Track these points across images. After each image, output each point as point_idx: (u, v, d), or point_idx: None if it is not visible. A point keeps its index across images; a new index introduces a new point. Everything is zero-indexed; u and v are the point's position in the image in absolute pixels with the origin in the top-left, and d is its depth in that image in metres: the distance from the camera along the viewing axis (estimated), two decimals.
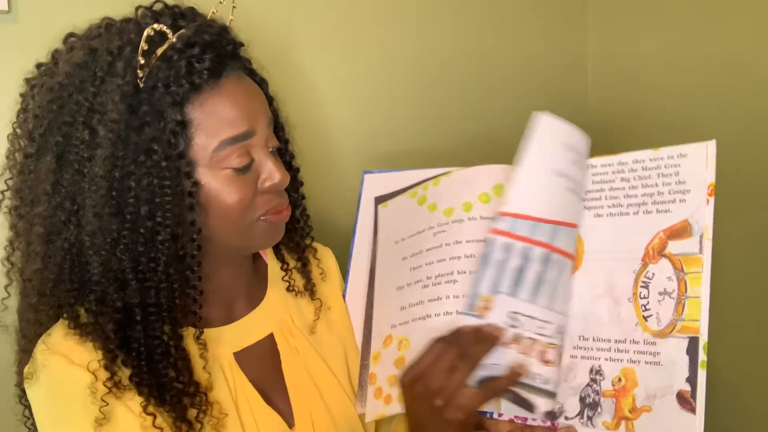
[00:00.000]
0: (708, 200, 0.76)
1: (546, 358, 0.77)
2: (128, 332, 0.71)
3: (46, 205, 0.71)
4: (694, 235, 0.76)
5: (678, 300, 0.75)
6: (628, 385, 0.76)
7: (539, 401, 0.77)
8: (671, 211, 0.78)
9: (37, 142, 0.72)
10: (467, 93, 1.36)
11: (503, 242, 0.77)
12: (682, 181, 0.78)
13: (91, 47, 0.72)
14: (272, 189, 0.77)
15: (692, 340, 0.73)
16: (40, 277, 0.72)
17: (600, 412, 0.77)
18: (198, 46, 0.70)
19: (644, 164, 0.81)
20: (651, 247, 0.78)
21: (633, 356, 0.77)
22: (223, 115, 0.71)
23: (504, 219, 0.77)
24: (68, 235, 0.70)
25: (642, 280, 0.78)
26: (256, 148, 0.75)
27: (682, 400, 0.72)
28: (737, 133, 1.15)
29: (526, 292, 0.77)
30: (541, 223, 0.77)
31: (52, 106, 0.71)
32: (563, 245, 0.79)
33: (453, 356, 0.72)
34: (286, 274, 0.89)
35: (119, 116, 0.68)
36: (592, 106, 1.46)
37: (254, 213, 0.76)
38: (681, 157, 0.78)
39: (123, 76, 0.68)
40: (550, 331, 0.78)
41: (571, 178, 0.79)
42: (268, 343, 0.85)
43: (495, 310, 0.76)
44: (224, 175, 0.72)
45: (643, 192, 0.80)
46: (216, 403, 0.75)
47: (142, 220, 0.69)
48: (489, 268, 0.77)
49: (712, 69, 1.20)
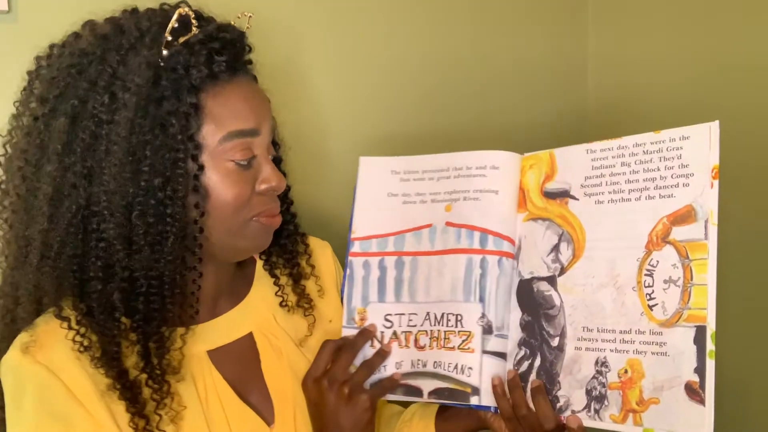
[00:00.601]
0: (712, 183, 0.73)
1: (419, 344, 0.87)
2: (132, 303, 0.72)
3: (56, 165, 0.70)
4: (699, 221, 0.73)
5: (684, 288, 0.73)
6: (634, 376, 0.74)
7: (424, 384, 0.86)
8: (674, 196, 0.75)
9: (51, 103, 0.72)
10: (467, 93, 1.35)
11: (361, 261, 0.92)
12: (684, 164, 0.75)
13: (118, 23, 0.74)
14: (268, 191, 0.78)
15: (699, 329, 0.71)
16: (45, 237, 0.71)
17: (607, 405, 0.76)
18: (219, 41, 0.73)
19: (645, 148, 0.78)
20: (654, 234, 0.76)
21: (639, 347, 0.75)
22: (235, 108, 0.74)
23: (355, 243, 0.93)
24: (77, 197, 0.70)
25: (646, 268, 0.76)
26: (259, 149, 0.77)
27: (691, 392, 0.70)
28: (741, 123, 1.11)
29: (390, 295, 0.90)
30: (387, 237, 0.92)
31: (71, 70, 0.72)
32: (412, 247, 0.90)
33: (351, 356, 0.84)
34: (280, 290, 0.89)
35: (144, 82, 0.69)
36: (592, 106, 1.45)
37: (248, 212, 0.77)
38: (683, 140, 0.76)
39: (150, 48, 0.71)
40: (419, 320, 0.88)
41: (403, 194, 0.93)
42: (247, 342, 0.84)
43: (370, 319, 0.90)
44: (226, 167, 0.74)
45: (644, 177, 0.78)
46: (176, 395, 0.74)
47: (154, 190, 0.70)
48: (356, 285, 0.92)
49: (712, 68, 1.19)
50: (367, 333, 0.88)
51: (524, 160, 0.89)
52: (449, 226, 0.89)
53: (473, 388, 0.83)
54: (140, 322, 0.72)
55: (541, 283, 0.84)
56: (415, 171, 0.94)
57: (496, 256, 0.86)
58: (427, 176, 0.93)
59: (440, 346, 0.86)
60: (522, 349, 0.83)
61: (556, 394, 0.80)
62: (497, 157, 0.89)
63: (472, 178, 0.89)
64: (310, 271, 0.93)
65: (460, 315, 0.86)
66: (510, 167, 0.88)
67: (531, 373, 0.82)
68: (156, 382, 0.73)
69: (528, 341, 0.83)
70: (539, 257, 0.84)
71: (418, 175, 0.93)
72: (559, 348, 0.81)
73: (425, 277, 0.89)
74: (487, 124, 1.34)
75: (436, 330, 0.87)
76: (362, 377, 0.84)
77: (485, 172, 0.88)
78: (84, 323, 0.71)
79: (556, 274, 0.83)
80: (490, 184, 0.88)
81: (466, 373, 0.83)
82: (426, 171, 0.93)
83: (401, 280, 0.90)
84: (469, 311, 0.85)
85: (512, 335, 0.84)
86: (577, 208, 0.82)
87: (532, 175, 0.87)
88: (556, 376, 0.80)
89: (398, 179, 0.94)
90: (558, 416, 0.79)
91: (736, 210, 1.09)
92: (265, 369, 0.84)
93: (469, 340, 0.84)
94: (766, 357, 1.13)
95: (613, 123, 1.37)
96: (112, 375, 0.71)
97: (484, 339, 0.84)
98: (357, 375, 0.83)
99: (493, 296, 0.85)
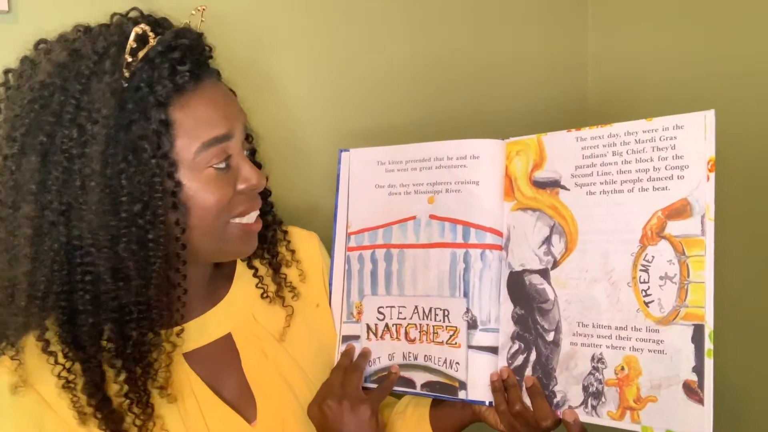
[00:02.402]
0: (708, 176, 0.70)
1: (410, 337, 0.88)
2: (125, 331, 0.71)
3: (33, 205, 0.69)
4: (695, 215, 0.70)
5: (680, 285, 0.71)
6: (631, 373, 0.74)
7: (417, 376, 0.87)
8: (669, 189, 0.72)
9: (19, 141, 0.70)
10: (467, 93, 1.32)
11: (356, 255, 0.92)
12: (679, 155, 0.72)
13: (74, 48, 0.71)
14: (248, 190, 0.78)
15: (697, 327, 0.70)
16: (31, 278, 0.70)
17: (604, 402, 0.75)
18: (179, 50, 0.71)
19: (637, 137, 0.75)
20: (649, 228, 0.73)
21: (635, 344, 0.73)
22: (205, 116, 0.73)
23: (351, 237, 0.93)
24: (58, 235, 0.69)
25: (641, 264, 0.74)
26: (234, 151, 0.76)
27: (689, 391, 0.70)
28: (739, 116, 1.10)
29: (382, 287, 0.90)
30: (377, 230, 0.91)
31: (34, 105, 0.70)
32: (398, 240, 0.90)
33: (340, 373, 0.86)
34: (260, 281, 0.88)
35: (110, 112, 0.68)
36: (592, 105, 1.43)
37: (228, 214, 0.76)
38: (677, 129, 0.72)
39: (111, 73, 0.69)
40: (408, 313, 0.88)
41: (389, 185, 0.91)
42: (226, 343, 0.84)
43: (366, 312, 0.91)
44: (206, 175, 0.73)
45: (637, 167, 0.75)
46: (158, 418, 0.75)
47: (135, 217, 0.69)
48: (353, 280, 0.92)
49: (712, 68, 1.16)
50: (367, 353, 0.90)
51: (509, 145, 0.85)
52: (433, 219, 0.88)
53: (460, 382, 0.83)
54: (128, 344, 0.72)
55: (533, 276, 0.82)
56: (399, 161, 0.91)
57: (478, 249, 0.84)
58: (410, 166, 0.90)
59: (429, 341, 0.86)
60: (516, 343, 0.82)
61: (553, 389, 0.79)
62: (478, 146, 0.86)
63: (453, 169, 0.87)
64: (291, 257, 0.93)
65: (447, 310, 0.85)
66: (492, 155, 0.85)
67: (526, 368, 0.81)
68: (139, 405, 0.72)
69: (522, 335, 0.82)
70: (530, 249, 0.82)
71: (401, 165, 0.91)
72: (555, 343, 0.79)
73: (412, 271, 0.89)
74: (484, 117, 1.33)
75: (425, 324, 0.87)
76: (356, 383, 0.84)
77: (466, 162, 0.86)
78: (70, 356, 0.71)
79: (549, 267, 0.80)
80: (470, 174, 0.86)
81: (453, 368, 0.84)
82: (409, 161, 0.91)
83: (390, 272, 0.90)
84: (455, 306, 0.85)
85: (503, 328, 0.83)
86: (568, 198, 0.79)
87: (519, 162, 0.84)
88: (552, 371, 0.79)
89: (384, 170, 0.93)
90: (554, 411, 0.78)
91: (734, 204, 1.08)
92: (246, 368, 0.83)
93: (456, 335, 0.85)
94: (766, 356, 1.12)
95: (612, 115, 1.35)
96: (93, 404, 0.71)
97: (469, 334, 0.84)
98: (350, 385, 0.84)
99: (477, 290, 0.84)
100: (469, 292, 0.84)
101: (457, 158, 0.87)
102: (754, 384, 1.14)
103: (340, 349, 0.92)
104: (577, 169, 0.79)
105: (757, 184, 1.10)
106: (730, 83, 1.13)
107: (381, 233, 0.91)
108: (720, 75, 1.15)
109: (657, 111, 0.74)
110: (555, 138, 0.81)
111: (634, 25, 1.33)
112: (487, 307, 0.84)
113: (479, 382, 0.83)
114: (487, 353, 0.83)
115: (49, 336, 0.71)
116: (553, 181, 0.81)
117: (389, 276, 0.90)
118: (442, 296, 0.86)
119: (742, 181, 1.10)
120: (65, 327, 0.71)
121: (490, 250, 0.84)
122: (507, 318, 0.83)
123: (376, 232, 0.92)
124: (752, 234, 1.11)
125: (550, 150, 0.81)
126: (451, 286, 0.85)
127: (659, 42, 1.27)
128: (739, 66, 1.12)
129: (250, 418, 0.81)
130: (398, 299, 0.89)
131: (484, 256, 0.84)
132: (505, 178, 0.85)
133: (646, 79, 1.30)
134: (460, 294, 0.85)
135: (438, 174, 0.88)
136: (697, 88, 1.19)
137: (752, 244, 1.12)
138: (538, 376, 0.80)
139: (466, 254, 0.85)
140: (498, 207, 0.85)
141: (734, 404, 1.14)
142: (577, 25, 1.42)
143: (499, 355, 0.83)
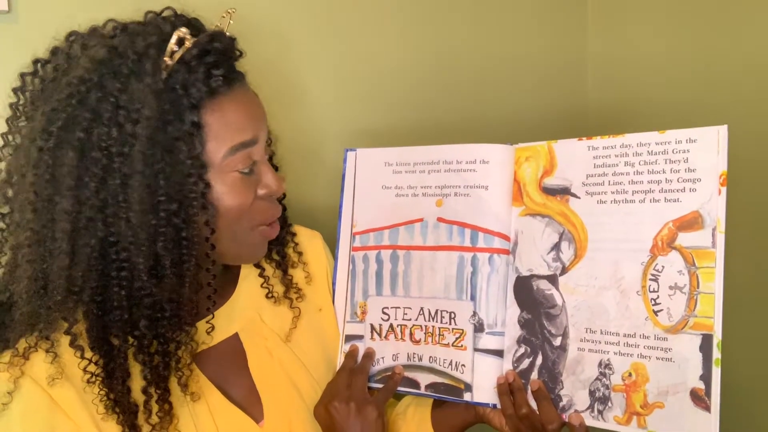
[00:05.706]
0: (720, 190, 0.72)
1: (415, 338, 0.89)
2: (158, 328, 0.72)
3: (71, 200, 0.69)
4: (706, 228, 0.72)
5: (690, 295, 0.73)
6: (638, 380, 0.75)
7: (421, 377, 0.88)
8: (680, 201, 0.74)
9: (55, 136, 0.69)
10: (469, 93, 1.32)
11: (361, 255, 0.93)
12: (691, 168, 0.73)
13: (112, 45, 0.71)
14: (268, 196, 0.79)
15: (705, 337, 0.72)
16: (68, 274, 0.70)
17: (611, 407, 0.77)
18: (213, 54, 0.72)
19: (650, 148, 0.76)
20: (660, 239, 0.75)
21: (643, 351, 0.75)
22: (234, 121, 0.73)
23: (356, 237, 0.93)
24: (96, 230, 0.69)
25: (651, 273, 0.75)
26: (258, 156, 0.77)
27: (696, 398, 0.72)
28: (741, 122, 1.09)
29: (387, 288, 0.91)
30: (383, 231, 0.91)
31: (71, 100, 0.69)
32: (405, 241, 0.91)
33: (345, 375, 0.87)
34: (265, 281, 0.89)
35: (152, 113, 0.68)
36: (592, 105, 1.43)
37: (250, 219, 0.77)
38: (690, 143, 0.74)
39: (152, 74, 0.69)
40: (413, 314, 0.89)
41: (396, 187, 0.92)
42: (233, 342, 0.84)
43: (370, 312, 0.91)
44: (232, 178, 0.74)
45: (649, 178, 0.76)
46: (175, 417, 0.75)
47: (171, 216, 0.70)
48: (357, 280, 0.93)
49: (712, 68, 1.16)
50: (371, 354, 0.91)
51: (518, 150, 0.86)
52: (441, 221, 0.88)
53: (466, 384, 0.85)
54: (159, 341, 0.73)
55: (541, 282, 0.83)
56: (407, 163, 0.92)
57: (486, 253, 0.85)
58: (418, 169, 0.91)
59: (435, 342, 0.87)
60: (522, 347, 0.83)
61: (559, 393, 0.80)
62: (487, 151, 0.87)
63: (462, 173, 0.88)
64: (297, 259, 0.94)
65: (453, 313, 0.86)
66: (501, 160, 0.86)
67: (532, 371, 0.82)
68: (159, 402, 0.73)
69: (528, 339, 0.83)
70: (539, 255, 0.83)
71: (409, 167, 0.91)
72: (562, 348, 0.81)
73: (418, 272, 0.90)
74: (486, 121, 1.33)
75: (430, 326, 0.88)
76: (361, 385, 0.86)
77: (475, 167, 0.87)
78: (97, 350, 0.71)
79: (558, 273, 0.82)
80: (480, 179, 0.86)
81: (459, 369, 0.85)
82: (417, 163, 0.91)
83: (396, 273, 0.91)
84: (462, 309, 0.86)
85: (509, 332, 0.84)
86: (579, 206, 0.81)
87: (528, 168, 0.85)
88: (558, 375, 0.81)
89: (391, 171, 0.93)
90: (560, 415, 0.80)
91: (742, 216, 1.09)
92: (253, 368, 0.84)
93: (462, 337, 0.85)
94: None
95: (613, 120, 1.36)
96: (116, 398, 0.71)
97: (476, 337, 0.85)
98: (356, 386, 0.85)
99: (485, 294, 0.85)
100: (477, 295, 0.85)
101: (467, 162, 0.87)
102: (760, 392, 1.16)
103: (344, 349, 0.92)
104: (589, 178, 0.80)
105: (758, 183, 1.12)
106: (730, 83, 1.14)
107: (387, 234, 0.92)
108: (720, 75, 1.16)
109: (657, 112, 0.75)
110: (566, 146, 0.82)
111: (634, 26, 1.33)
112: (494, 310, 0.85)
113: (485, 385, 0.84)
114: (493, 356, 0.84)
115: (75, 330, 0.71)
116: (564, 188, 0.82)
117: (395, 277, 0.91)
118: (449, 299, 0.87)
119: (748, 189, 1.12)
120: (97, 322, 0.71)
121: (498, 255, 0.85)
122: (513, 322, 0.84)
123: (382, 232, 0.92)
124: (761, 246, 1.13)
125: (560, 157, 0.82)
126: (458, 289, 0.86)
127: (659, 43, 1.27)
128: (740, 66, 1.13)
129: (257, 418, 0.81)
130: (403, 300, 0.90)
131: (492, 260, 0.85)
132: (513, 183, 0.86)
133: (646, 79, 1.31)
134: (467, 297, 0.86)
135: (446, 177, 0.88)
136: (698, 89, 1.20)
137: (760, 255, 1.13)
138: (543, 379, 0.81)
139: (474, 258, 0.85)
140: (506, 212, 0.86)
141: (740, 412, 1.15)
142: (577, 26, 1.43)
143: (505, 358, 0.84)
